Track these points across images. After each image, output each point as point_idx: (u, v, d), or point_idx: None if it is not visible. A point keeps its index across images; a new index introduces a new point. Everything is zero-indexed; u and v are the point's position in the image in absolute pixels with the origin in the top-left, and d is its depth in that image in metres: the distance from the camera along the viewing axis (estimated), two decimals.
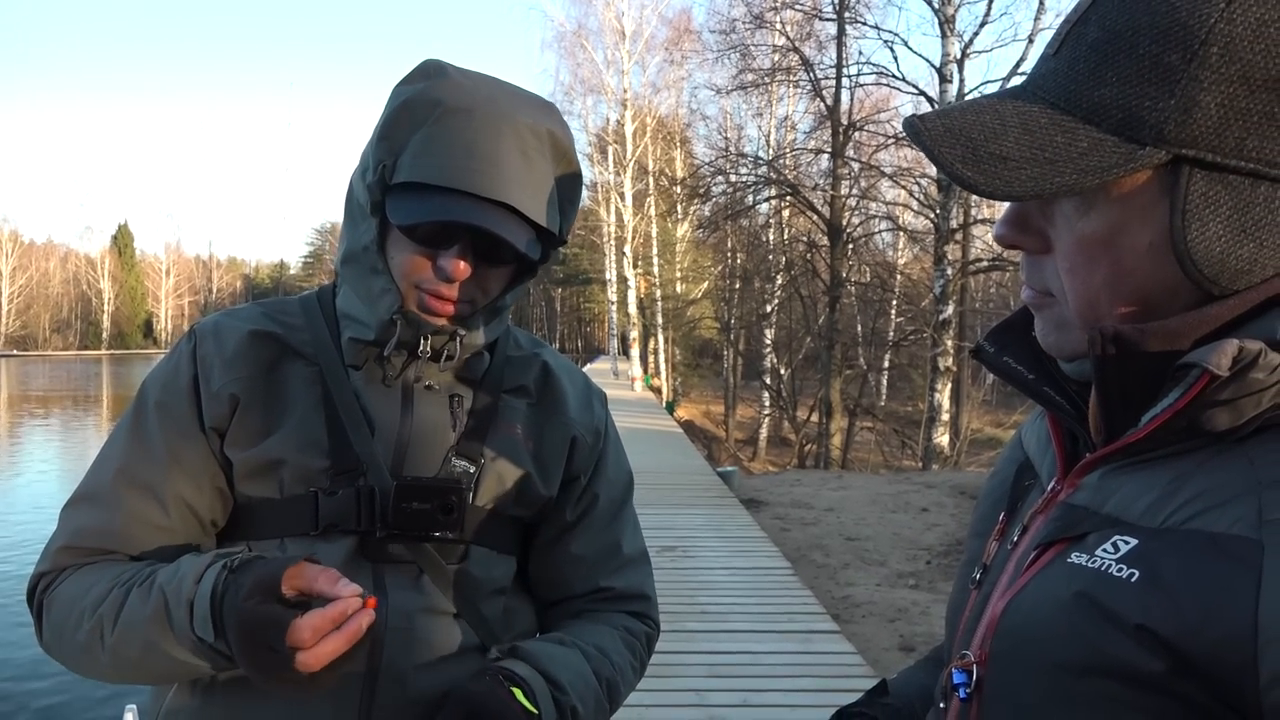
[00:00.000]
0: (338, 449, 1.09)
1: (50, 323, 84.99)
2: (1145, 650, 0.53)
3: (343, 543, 1.07)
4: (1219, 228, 0.58)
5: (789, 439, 24.84)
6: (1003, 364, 0.74)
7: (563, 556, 1.22)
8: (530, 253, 1.08)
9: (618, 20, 28.14)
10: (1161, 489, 0.59)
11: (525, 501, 1.17)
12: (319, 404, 1.11)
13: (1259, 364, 0.55)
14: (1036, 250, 0.67)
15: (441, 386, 1.16)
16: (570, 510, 1.22)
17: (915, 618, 5.79)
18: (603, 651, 1.16)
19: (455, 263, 1.06)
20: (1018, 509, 0.76)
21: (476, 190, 1.03)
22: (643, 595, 1.28)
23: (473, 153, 1.04)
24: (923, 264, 21.30)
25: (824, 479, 12.12)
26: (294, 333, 1.15)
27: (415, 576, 1.09)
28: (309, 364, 1.13)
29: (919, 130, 0.63)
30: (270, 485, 1.08)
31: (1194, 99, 0.56)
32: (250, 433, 1.09)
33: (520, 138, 1.07)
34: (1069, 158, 0.60)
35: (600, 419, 1.27)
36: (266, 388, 1.11)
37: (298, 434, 1.09)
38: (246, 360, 1.12)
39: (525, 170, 1.07)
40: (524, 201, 1.05)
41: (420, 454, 1.12)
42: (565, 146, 1.13)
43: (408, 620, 1.07)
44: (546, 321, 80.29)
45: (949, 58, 15.27)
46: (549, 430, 1.20)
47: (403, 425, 1.12)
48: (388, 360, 1.13)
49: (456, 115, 1.04)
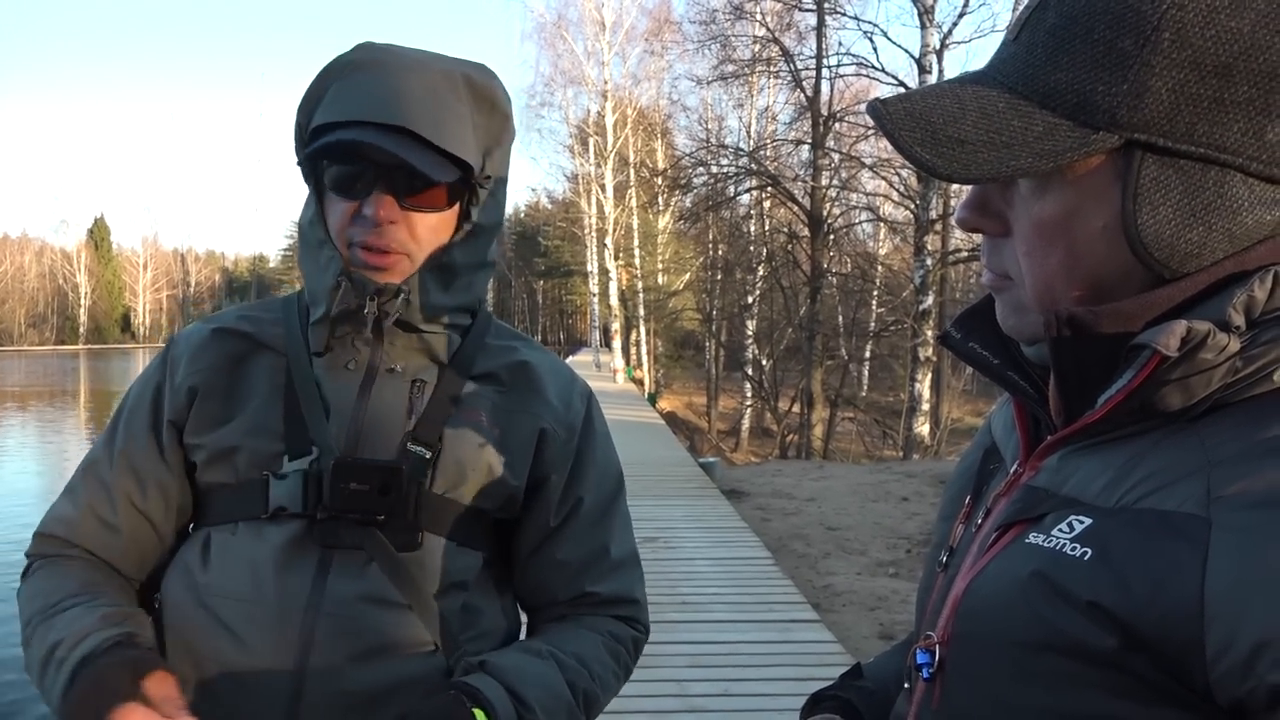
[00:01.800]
0: (292, 433, 1.09)
1: (26, 317, 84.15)
2: (1097, 627, 0.54)
3: (290, 526, 1.07)
4: (1169, 211, 0.59)
5: (771, 430, 24.92)
6: (968, 349, 0.74)
7: (548, 562, 1.18)
8: (435, 175, 1.05)
9: (598, 11, 28.07)
10: (1117, 469, 0.60)
11: (488, 492, 1.13)
12: (279, 391, 1.12)
13: (1207, 344, 0.56)
14: (996, 233, 0.68)
15: (406, 371, 1.14)
16: (553, 515, 1.18)
17: (895, 606, 5.83)
18: (582, 661, 1.12)
19: (376, 205, 1.06)
20: (983, 492, 0.77)
21: (372, 116, 1.04)
22: (631, 599, 1.22)
23: (375, 89, 1.06)
24: (903, 255, 21.36)
25: (805, 469, 12.17)
26: (266, 328, 1.17)
27: (364, 564, 1.06)
28: (278, 355, 1.15)
29: (881, 114, 0.64)
30: (227, 471, 1.10)
31: (1146, 84, 0.57)
32: (207, 421, 1.12)
33: (429, 80, 1.08)
34: (1025, 141, 0.61)
35: (578, 415, 1.22)
36: (228, 380, 1.13)
37: (253, 420, 1.10)
38: (209, 356, 1.15)
39: (430, 103, 1.06)
40: (424, 126, 1.04)
41: (376, 438, 1.11)
42: (487, 91, 1.12)
43: (344, 608, 1.04)
44: (529, 314, 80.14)
45: (928, 48, 15.31)
46: (517, 420, 1.16)
47: (358, 408, 1.11)
48: (352, 344, 1.13)
49: (366, 67, 1.09)
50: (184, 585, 1.09)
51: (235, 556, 1.07)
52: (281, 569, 1.05)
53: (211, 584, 1.07)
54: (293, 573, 1.05)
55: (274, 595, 1.04)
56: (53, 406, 28.65)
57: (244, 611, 1.05)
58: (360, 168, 1.06)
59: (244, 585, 1.05)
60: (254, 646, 1.03)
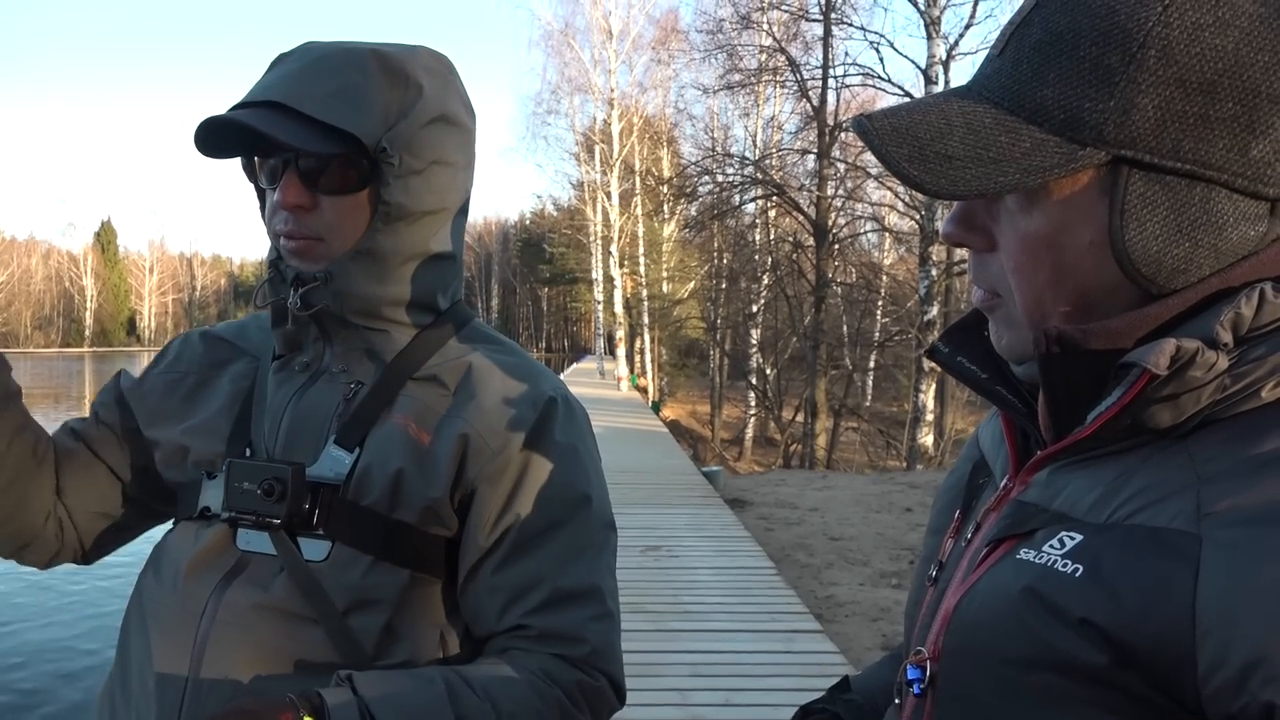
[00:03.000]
0: (235, 434, 1.09)
1: (32, 320, 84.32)
2: (1089, 644, 0.54)
3: (216, 528, 1.04)
4: (1156, 227, 0.59)
5: (774, 439, 24.87)
6: (956, 364, 0.75)
7: (482, 586, 1.04)
8: (299, 143, 0.98)
9: (605, 19, 28.15)
10: (1107, 485, 0.60)
11: (407, 504, 1.02)
12: (238, 395, 1.14)
13: (1196, 362, 0.56)
14: (982, 248, 0.68)
15: (351, 372, 1.09)
16: (486, 533, 1.04)
17: (898, 617, 5.81)
18: (489, 695, 0.96)
19: (282, 192, 1.03)
20: (972, 506, 0.77)
21: (247, 99, 1.02)
22: (574, 638, 1.03)
23: (271, 75, 1.05)
24: (908, 265, 21.38)
25: (809, 479, 12.14)
26: (252, 335, 1.19)
27: (275, 572, 1.01)
28: (251, 361, 1.16)
29: (867, 130, 0.64)
30: (180, 470, 1.12)
31: (1132, 101, 0.58)
32: (164, 417, 1.15)
33: (326, 58, 1.03)
34: (1012, 157, 0.61)
35: (520, 423, 1.06)
36: (194, 384, 1.16)
37: (203, 421, 1.12)
38: (191, 358, 1.19)
39: (311, 79, 1.01)
40: (292, 98, 0.99)
41: (301, 440, 1.06)
42: (395, 64, 1.04)
43: (239, 616, 0.99)
44: (533, 320, 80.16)
45: (934, 59, 15.33)
46: (444, 426, 1.05)
47: (287, 410, 1.08)
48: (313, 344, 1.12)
49: (280, 61, 1.07)
50: (137, 586, 1.10)
51: (165, 557, 1.08)
52: (190, 572, 1.03)
53: (145, 586, 1.08)
54: (200, 577, 1.02)
55: (179, 599, 1.03)
56: (57, 409, 28.68)
57: (156, 613, 1.05)
58: (276, 160, 1.04)
59: (162, 588, 1.05)
60: (158, 650, 1.02)
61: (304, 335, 1.11)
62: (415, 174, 1.05)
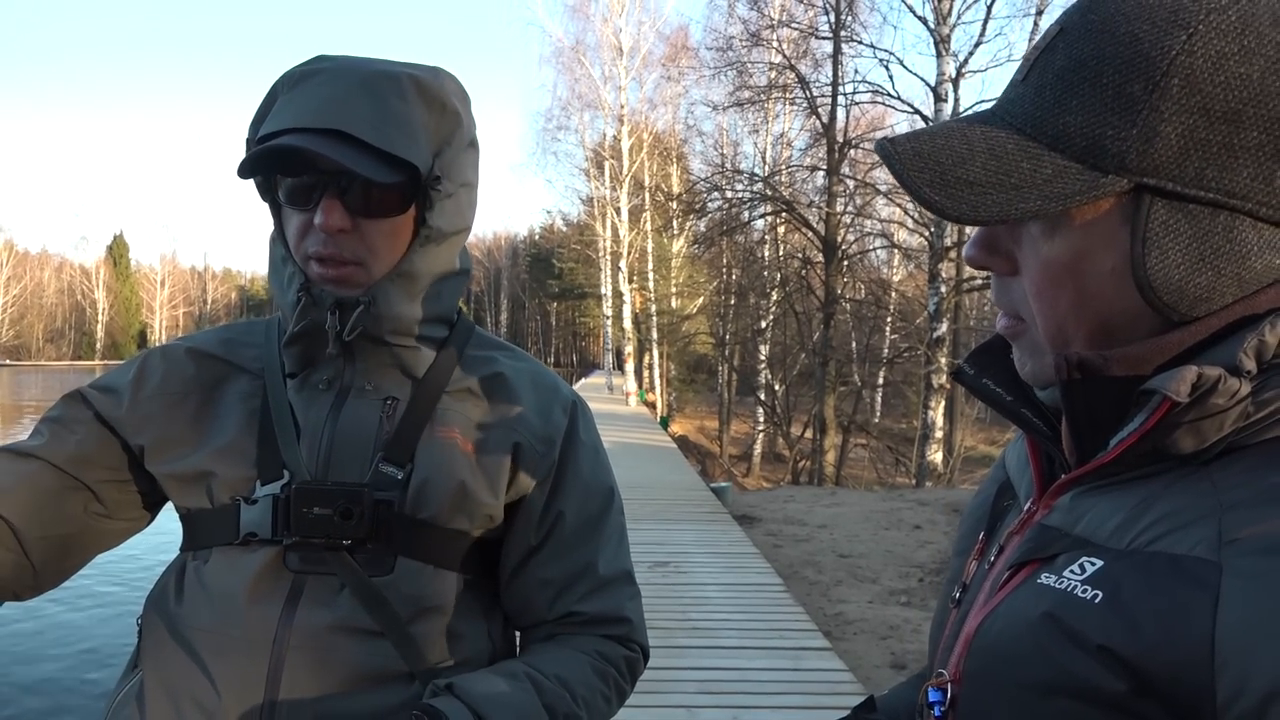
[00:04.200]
0: (265, 457, 1.06)
1: (44, 333, 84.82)
2: (1107, 671, 0.54)
3: (263, 552, 1.03)
4: (1178, 255, 0.59)
5: (783, 455, 24.80)
6: (982, 386, 0.75)
7: (531, 580, 1.13)
8: (376, 177, 0.99)
9: (615, 36, 28.26)
10: (1129, 511, 0.60)
11: (465, 512, 1.08)
12: (254, 415, 1.09)
13: (1218, 389, 0.56)
14: (1004, 272, 0.68)
15: (379, 388, 1.10)
16: (535, 531, 1.13)
17: (907, 635, 5.78)
18: (564, 683, 1.05)
19: (326, 215, 1.02)
20: (996, 529, 0.77)
21: (308, 122, 1.00)
22: (620, 618, 1.16)
23: (314, 95, 1.02)
24: (917, 281, 21.32)
25: (817, 495, 12.11)
26: (243, 350, 1.15)
27: (336, 590, 1.03)
28: (253, 378, 1.12)
29: (890, 154, 0.65)
30: (202, 496, 1.07)
31: (1155, 129, 0.58)
32: (175, 442, 1.09)
33: (371, 83, 1.03)
34: (1034, 184, 0.61)
35: (558, 427, 1.15)
36: (198, 404, 1.11)
37: (225, 444, 1.08)
38: (182, 379, 1.12)
39: (368, 105, 1.02)
40: (360, 128, 1.00)
41: (346, 459, 1.07)
42: (435, 91, 1.07)
43: (314, 639, 1.00)
44: (542, 335, 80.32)
45: (944, 77, 15.35)
46: (492, 436, 1.11)
47: (328, 430, 1.07)
48: (328, 363, 1.10)
49: (311, 76, 1.04)
50: (160, 615, 1.06)
51: (207, 586, 1.04)
52: (250, 599, 1.02)
53: (184, 615, 1.04)
54: (262, 603, 1.02)
55: (242, 627, 1.01)
56: None
57: (214, 644, 1.02)
58: (310, 179, 1.03)
59: (214, 616, 1.03)
60: (224, 681, 1.00)
61: (318, 352, 1.10)
62: (449, 197, 1.09)
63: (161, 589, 1.09)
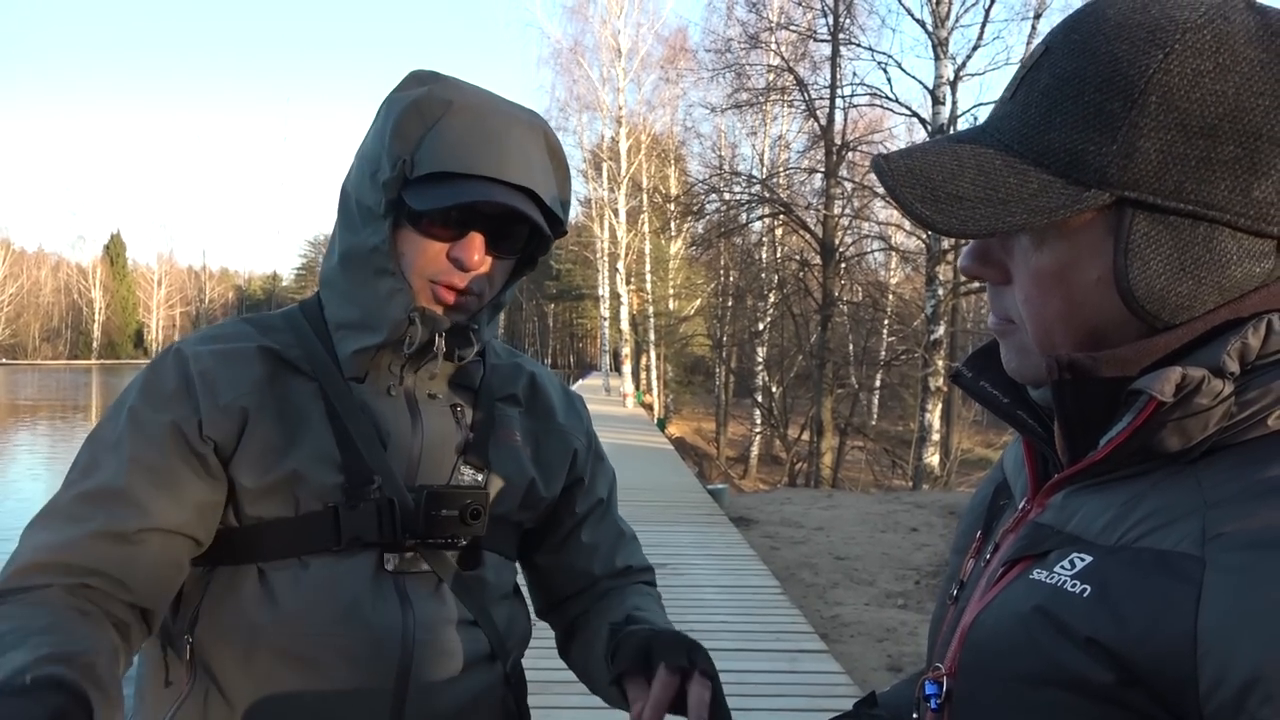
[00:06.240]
0: (351, 463, 1.07)
1: (40, 332, 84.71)
2: (1095, 662, 0.56)
3: (365, 555, 1.07)
4: (1159, 265, 0.61)
5: (780, 457, 24.85)
6: (979, 388, 0.77)
7: (577, 548, 1.29)
8: (552, 233, 1.13)
9: (614, 38, 28.30)
10: (1118, 508, 0.62)
11: (528, 506, 1.21)
12: (325, 419, 1.08)
13: (1202, 389, 0.58)
14: (997, 281, 0.71)
15: (443, 396, 1.17)
16: (579, 506, 1.29)
17: (903, 638, 5.80)
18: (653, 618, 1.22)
19: (473, 250, 1.07)
20: (993, 527, 0.79)
21: (501, 175, 1.05)
22: (649, 568, 1.37)
23: (491, 142, 1.07)
24: (914, 284, 21.39)
25: (814, 497, 12.13)
26: (287, 349, 1.12)
27: (434, 586, 1.10)
28: (308, 379, 1.10)
29: (883, 170, 0.67)
30: (286, 503, 1.05)
31: (1134, 144, 0.60)
32: (265, 449, 1.05)
33: (524, 133, 1.11)
34: (1020, 198, 0.63)
35: (587, 422, 1.34)
36: (276, 404, 1.08)
37: (312, 449, 1.06)
38: (249, 375, 1.08)
39: (537, 163, 1.11)
40: (543, 190, 1.09)
41: (431, 464, 1.13)
42: (556, 147, 1.17)
43: (432, 632, 1.08)
44: (539, 337, 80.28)
45: (942, 80, 15.39)
46: (546, 438, 1.26)
47: (414, 436, 1.13)
48: (389, 369, 1.13)
49: (467, 111, 1.08)
50: (237, 629, 1.04)
51: (315, 591, 1.04)
52: (373, 600, 1.06)
53: (285, 622, 1.03)
54: (382, 601, 1.06)
55: (369, 626, 1.05)
56: (64, 421, 28.79)
57: (333, 645, 1.04)
58: (467, 218, 1.07)
59: (331, 619, 1.04)
60: (346, 680, 1.03)
61: (384, 359, 1.12)
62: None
63: (232, 603, 1.05)
